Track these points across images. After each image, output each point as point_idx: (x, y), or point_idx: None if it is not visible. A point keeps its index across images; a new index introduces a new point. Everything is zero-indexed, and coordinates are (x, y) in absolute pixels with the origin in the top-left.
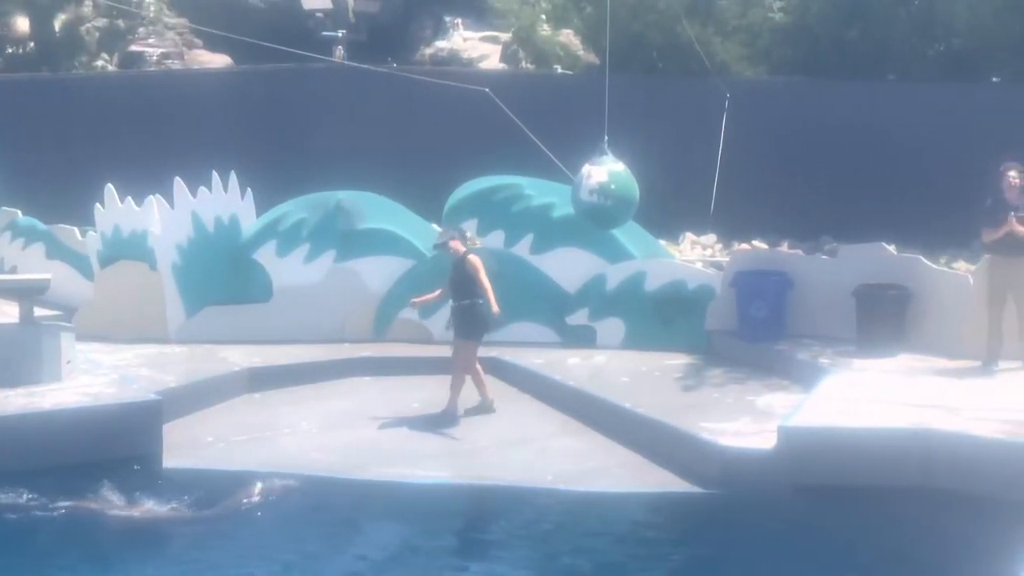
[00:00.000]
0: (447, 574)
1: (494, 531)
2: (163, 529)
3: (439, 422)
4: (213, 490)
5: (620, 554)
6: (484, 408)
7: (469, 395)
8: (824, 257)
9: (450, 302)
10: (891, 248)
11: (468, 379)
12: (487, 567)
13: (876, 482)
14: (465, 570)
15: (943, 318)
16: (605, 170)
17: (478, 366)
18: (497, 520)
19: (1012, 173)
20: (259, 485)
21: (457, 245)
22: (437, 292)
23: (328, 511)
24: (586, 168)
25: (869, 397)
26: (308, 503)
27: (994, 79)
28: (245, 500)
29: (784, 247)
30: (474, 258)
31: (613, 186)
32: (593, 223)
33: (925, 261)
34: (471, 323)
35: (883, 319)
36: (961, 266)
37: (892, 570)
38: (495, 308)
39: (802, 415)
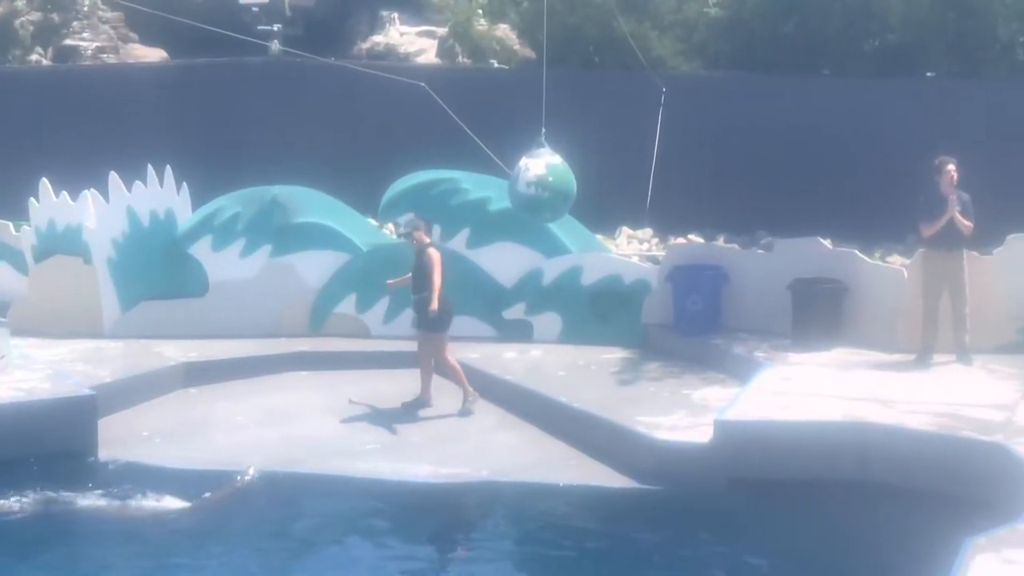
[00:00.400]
0: (378, 568)
1: (429, 525)
2: (92, 522)
3: (385, 415)
4: (146, 484)
5: (554, 547)
6: (465, 407)
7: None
8: (759, 251)
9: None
10: (826, 242)
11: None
12: (420, 561)
13: (811, 475)
14: (395, 563)
15: (878, 312)
16: (543, 163)
17: (451, 360)
18: (432, 514)
19: (951, 167)
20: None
21: (421, 236)
22: (408, 275)
23: (262, 505)
24: (523, 161)
25: (804, 390)
26: (241, 497)
27: (929, 74)
28: (177, 495)
29: (720, 241)
30: (433, 251)
31: (551, 178)
32: (530, 215)
33: (860, 255)
34: (427, 315)
35: (818, 313)
36: (896, 260)
37: (828, 563)
38: (433, 305)
39: (737, 408)
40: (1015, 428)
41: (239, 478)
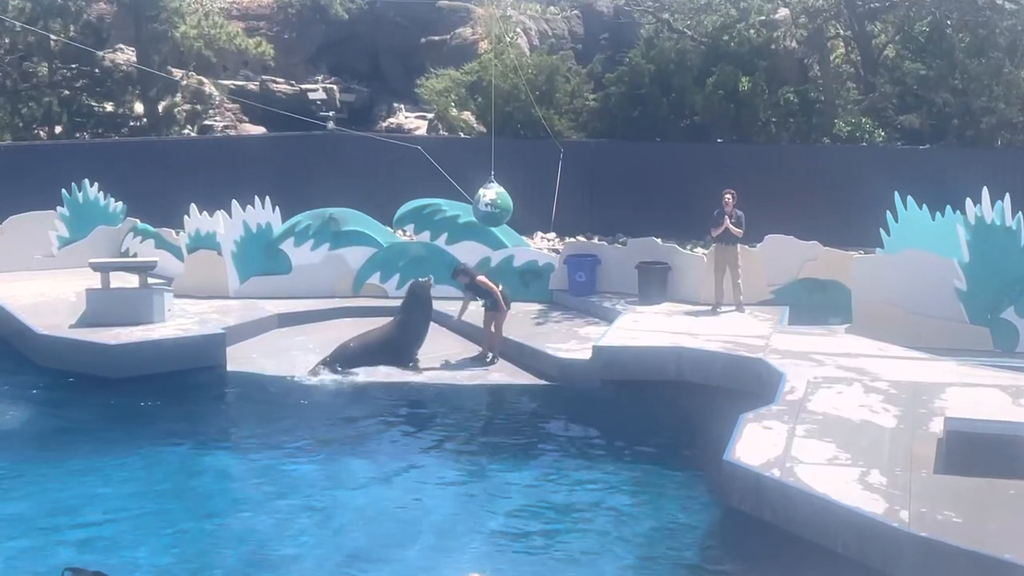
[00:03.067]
0: (391, 438)
1: (424, 412)
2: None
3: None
4: (255, 384)
5: (502, 418)
6: (491, 360)
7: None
8: (619, 246)
9: (482, 303)
10: (659, 240)
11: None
12: (416, 437)
13: (649, 377)
14: (400, 433)
15: (689, 281)
16: (494, 191)
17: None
18: (427, 406)
19: (727, 196)
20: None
21: (473, 275)
22: (465, 306)
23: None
24: (481, 190)
25: (645, 328)
26: (306, 394)
27: (719, 140)
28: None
29: (596, 240)
30: (483, 278)
31: (499, 201)
32: (487, 224)
33: (679, 248)
34: (496, 305)
35: (654, 282)
36: (699, 250)
37: (655, 427)
38: (502, 304)
39: (607, 338)
40: (770, 349)
41: (311, 375)
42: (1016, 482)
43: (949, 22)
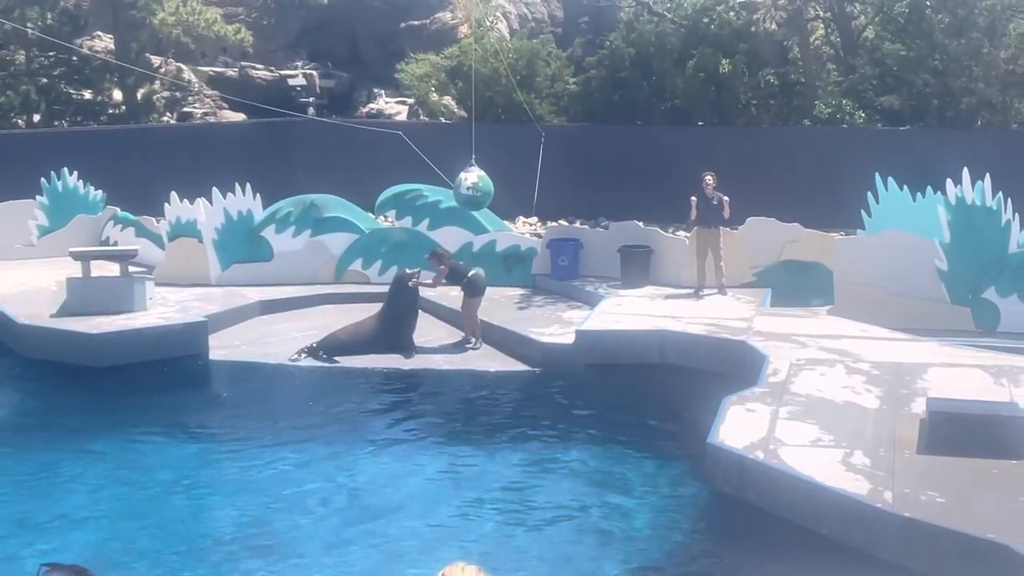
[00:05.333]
0: (368, 418)
1: (408, 396)
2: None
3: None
4: (237, 372)
5: (484, 404)
6: (474, 344)
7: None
8: (601, 229)
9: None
10: (640, 224)
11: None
12: (398, 419)
13: (632, 360)
14: (379, 410)
15: (671, 264)
16: (475, 174)
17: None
18: (411, 390)
19: (708, 179)
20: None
21: (446, 259)
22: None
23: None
24: (462, 174)
25: (628, 311)
26: (288, 381)
27: (700, 123)
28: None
29: (577, 224)
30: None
31: (480, 184)
32: (468, 208)
33: (660, 231)
34: (472, 290)
35: (636, 266)
36: (681, 234)
37: (640, 409)
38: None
39: (590, 322)
40: (752, 331)
41: (293, 360)
42: (998, 462)
43: (928, 3)
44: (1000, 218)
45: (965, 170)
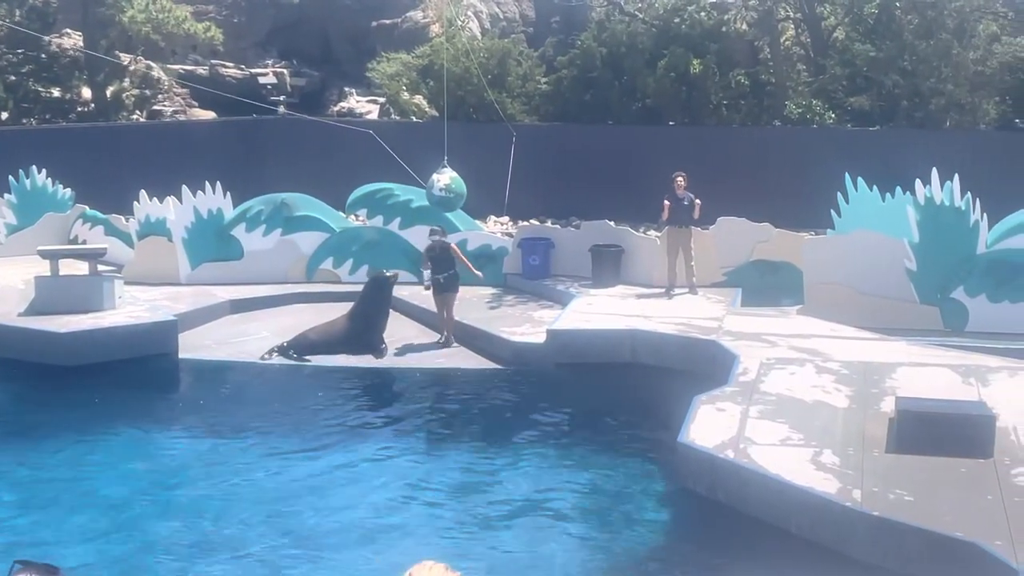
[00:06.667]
0: (338, 414)
1: (380, 394)
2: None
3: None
4: (208, 371)
5: (454, 402)
6: (445, 342)
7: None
8: (572, 228)
9: (440, 275)
10: (611, 223)
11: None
12: (372, 415)
13: (603, 360)
14: (352, 407)
15: (642, 263)
16: (448, 176)
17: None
18: (382, 389)
19: (679, 179)
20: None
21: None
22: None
23: (277, 380)
24: (435, 176)
25: (599, 310)
26: (258, 379)
27: (670, 123)
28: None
29: (549, 223)
30: (453, 245)
31: (453, 185)
32: (441, 208)
33: (631, 230)
34: (452, 284)
35: (607, 265)
36: (652, 233)
37: (608, 408)
38: (477, 272)
39: (560, 322)
40: (723, 331)
41: (264, 359)
42: (966, 460)
43: (898, 4)
44: (969, 218)
45: (934, 170)
